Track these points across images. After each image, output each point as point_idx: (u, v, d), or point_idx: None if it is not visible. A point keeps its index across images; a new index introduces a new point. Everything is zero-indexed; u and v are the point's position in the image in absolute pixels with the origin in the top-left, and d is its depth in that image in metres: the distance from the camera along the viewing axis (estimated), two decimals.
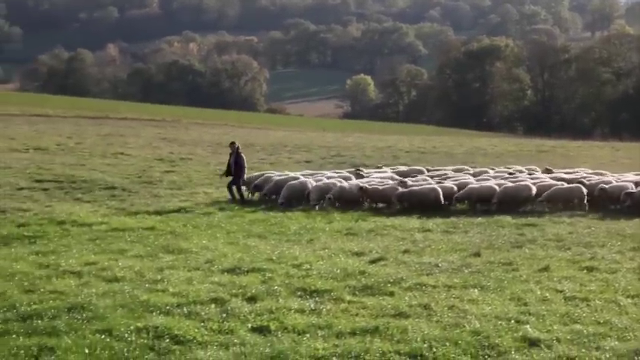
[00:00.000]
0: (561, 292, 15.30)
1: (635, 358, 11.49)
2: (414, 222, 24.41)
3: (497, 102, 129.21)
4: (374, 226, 23.60)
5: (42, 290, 15.13)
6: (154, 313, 13.48)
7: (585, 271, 17.36)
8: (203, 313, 13.56)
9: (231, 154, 29.82)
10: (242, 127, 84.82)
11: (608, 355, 11.60)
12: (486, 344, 12.04)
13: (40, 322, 13.02)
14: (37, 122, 72.13)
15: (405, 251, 19.54)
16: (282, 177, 30.29)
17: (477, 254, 19.09)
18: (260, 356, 11.49)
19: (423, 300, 14.51)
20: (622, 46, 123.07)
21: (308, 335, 12.46)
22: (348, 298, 14.74)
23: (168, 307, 13.84)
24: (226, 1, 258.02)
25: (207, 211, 26.80)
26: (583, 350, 11.82)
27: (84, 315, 13.38)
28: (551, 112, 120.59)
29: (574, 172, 33.13)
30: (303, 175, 31.19)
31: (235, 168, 29.38)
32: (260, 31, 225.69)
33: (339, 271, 16.92)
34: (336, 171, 33.88)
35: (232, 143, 30.40)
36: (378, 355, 11.54)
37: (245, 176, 29.86)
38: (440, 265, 17.80)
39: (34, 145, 48.75)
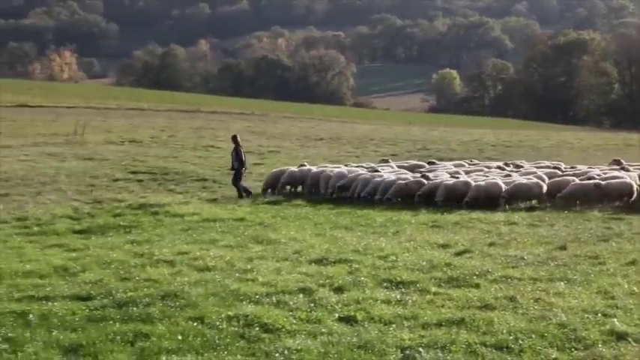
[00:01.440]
0: None
1: None
2: (499, 215, 24.15)
3: (583, 96, 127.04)
4: (459, 219, 23.42)
5: (137, 278, 15.38)
6: (244, 302, 13.59)
7: None
8: (291, 303, 13.63)
9: (235, 148, 29.12)
10: (329, 121, 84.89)
11: None
12: (573, 337, 11.85)
13: (135, 309, 13.23)
14: (132, 116, 73.29)
15: (491, 244, 19.36)
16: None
17: (563, 247, 18.82)
18: (347, 345, 11.50)
19: (509, 292, 14.35)
20: None
21: (394, 326, 12.43)
22: (434, 289, 14.66)
23: (257, 296, 13.94)
24: None
25: (295, 202, 26.96)
26: None
27: (177, 303, 13.56)
28: (638, 105, 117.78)
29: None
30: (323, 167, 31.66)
31: (235, 161, 28.76)
32: (347, 26, 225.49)
33: (424, 263, 16.85)
34: (358, 164, 33.90)
35: (234, 137, 29.68)
36: (463, 346, 11.46)
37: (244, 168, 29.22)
38: (526, 257, 17.59)
39: (130, 138, 49.57)
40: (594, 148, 54.99)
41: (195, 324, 12.38)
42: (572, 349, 11.41)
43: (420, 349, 11.33)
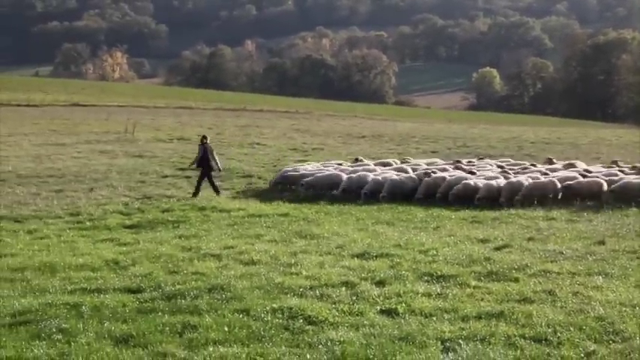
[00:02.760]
0: None
1: None
2: (538, 211, 24.00)
3: (622, 94, 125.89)
4: (498, 215, 23.33)
5: (185, 272, 15.50)
6: (288, 295, 13.65)
7: None
8: (334, 296, 13.66)
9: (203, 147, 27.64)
10: (371, 119, 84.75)
11: None
12: (611, 330, 11.80)
13: (183, 301, 13.34)
14: (180, 114, 73.73)
15: (530, 239, 19.27)
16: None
17: (602, 242, 18.70)
18: (389, 337, 11.51)
19: (548, 286, 14.30)
20: None
21: (434, 318, 12.43)
22: (474, 283, 14.63)
23: (301, 290, 13.99)
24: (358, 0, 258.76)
25: (337, 199, 26.94)
26: None
27: (223, 295, 13.64)
28: None
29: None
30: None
31: (203, 159, 27.34)
32: (389, 26, 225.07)
33: (464, 257, 16.82)
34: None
35: (204, 137, 28.23)
36: (503, 338, 11.43)
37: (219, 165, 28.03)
38: (564, 252, 17.49)
39: (178, 136, 49.90)
40: (632, 145, 54.31)
41: (240, 316, 12.46)
42: (610, 342, 11.35)
43: (460, 341, 11.32)
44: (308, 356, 10.79)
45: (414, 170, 29.57)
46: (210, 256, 17.06)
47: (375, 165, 31.81)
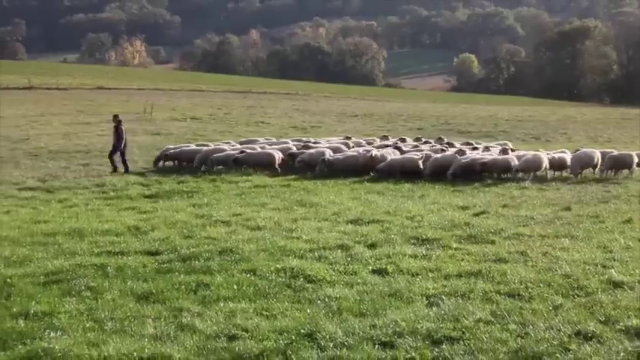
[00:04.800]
0: None
1: None
2: (510, 182, 24.03)
3: (586, 76, 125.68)
4: (477, 185, 23.36)
5: (198, 236, 15.51)
6: (290, 257, 13.67)
7: None
8: (331, 257, 13.68)
9: (115, 127, 26.68)
10: (363, 100, 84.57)
11: None
12: (576, 286, 11.86)
13: (197, 262, 13.35)
14: (193, 96, 73.58)
15: (504, 206, 19.31)
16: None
17: (568, 208, 18.77)
18: (379, 294, 11.54)
19: (520, 248, 14.35)
20: None
21: (420, 277, 12.46)
22: (455, 245, 14.67)
23: (301, 252, 14.01)
24: None
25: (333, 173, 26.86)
26: None
27: (232, 257, 13.66)
28: (635, 84, 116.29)
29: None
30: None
31: (115, 138, 26.54)
32: (379, 16, 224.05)
33: (446, 222, 16.86)
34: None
35: (115, 116, 27.17)
36: (480, 294, 11.48)
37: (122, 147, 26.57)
38: (535, 217, 17.56)
39: (191, 115, 49.82)
40: (595, 121, 54.32)
41: (248, 275, 12.48)
42: (575, 296, 11.40)
43: (443, 296, 11.36)
44: (308, 311, 10.82)
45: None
46: (220, 222, 17.07)
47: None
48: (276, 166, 26.21)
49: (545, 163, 24.95)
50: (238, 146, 29.12)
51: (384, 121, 51.37)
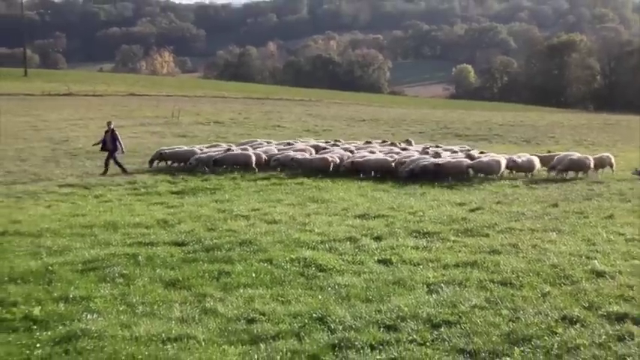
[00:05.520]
0: (623, 235, 15.01)
1: None
2: (504, 180, 23.96)
3: (572, 85, 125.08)
4: (473, 183, 23.31)
5: (220, 229, 15.55)
6: (303, 248, 13.68)
7: None
8: (340, 248, 13.70)
9: (106, 132, 25.84)
10: (369, 106, 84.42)
11: None
12: (562, 275, 11.88)
13: (219, 252, 13.39)
14: (216, 102, 73.59)
15: (498, 202, 19.29)
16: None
17: (555, 205, 18.74)
18: (384, 282, 11.56)
19: (512, 240, 14.34)
20: None
21: (421, 267, 12.46)
22: (453, 238, 14.66)
23: (314, 243, 14.03)
24: (359, 8, 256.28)
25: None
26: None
27: (251, 248, 13.69)
28: (616, 93, 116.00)
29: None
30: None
31: (110, 142, 25.62)
32: (385, 30, 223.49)
33: (445, 217, 16.84)
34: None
35: (109, 123, 26.17)
36: (476, 282, 11.49)
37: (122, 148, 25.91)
38: (525, 213, 17.52)
39: (214, 119, 49.85)
40: (580, 126, 54.09)
41: (265, 265, 12.51)
42: (562, 285, 11.40)
43: (442, 284, 11.36)
44: (319, 297, 10.84)
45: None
46: (240, 216, 17.10)
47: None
48: (254, 166, 25.86)
49: (502, 167, 24.50)
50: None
51: (388, 125, 51.26)
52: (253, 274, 11.93)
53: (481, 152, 27.87)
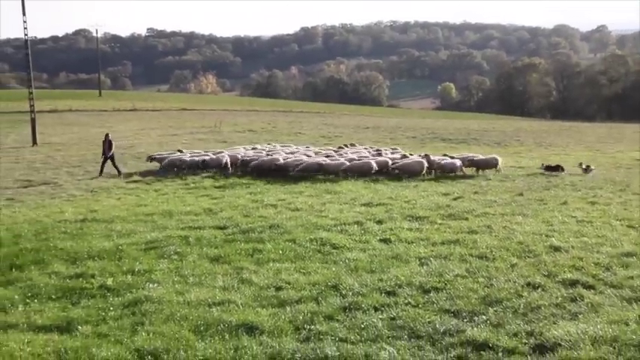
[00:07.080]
0: (574, 217, 14.90)
1: (622, 258, 11.09)
2: (479, 176, 23.83)
3: (533, 99, 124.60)
4: (456, 178, 23.20)
5: (254, 215, 15.58)
6: (320, 230, 13.69)
7: (590, 204, 16.83)
8: (350, 230, 13.69)
9: (104, 142, 25.51)
10: (372, 116, 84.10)
11: (604, 257, 11.24)
12: (527, 250, 11.83)
13: (252, 234, 13.42)
14: (249, 115, 73.62)
15: (475, 192, 19.19)
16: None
17: (521, 194, 18.62)
18: (385, 257, 11.55)
19: (487, 223, 14.28)
20: (614, 63, 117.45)
21: (414, 244, 12.44)
22: (439, 221, 14.61)
23: (328, 226, 14.03)
24: (363, 39, 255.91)
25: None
26: (588, 253, 11.51)
27: (278, 230, 13.71)
28: (568, 105, 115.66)
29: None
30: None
31: (106, 148, 25.30)
32: (384, 56, 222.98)
33: (433, 205, 16.78)
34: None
35: (107, 135, 25.72)
36: (458, 256, 11.47)
37: (111, 153, 25.30)
38: (497, 201, 17.43)
39: (248, 129, 49.84)
40: (540, 131, 53.66)
41: (290, 244, 12.53)
42: (526, 257, 11.36)
43: (431, 258, 11.34)
44: (333, 269, 10.85)
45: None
46: (269, 205, 17.12)
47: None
48: (229, 167, 24.91)
49: (424, 168, 23.27)
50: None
51: (387, 132, 51.08)
52: (280, 251, 11.95)
53: (403, 155, 26.20)
